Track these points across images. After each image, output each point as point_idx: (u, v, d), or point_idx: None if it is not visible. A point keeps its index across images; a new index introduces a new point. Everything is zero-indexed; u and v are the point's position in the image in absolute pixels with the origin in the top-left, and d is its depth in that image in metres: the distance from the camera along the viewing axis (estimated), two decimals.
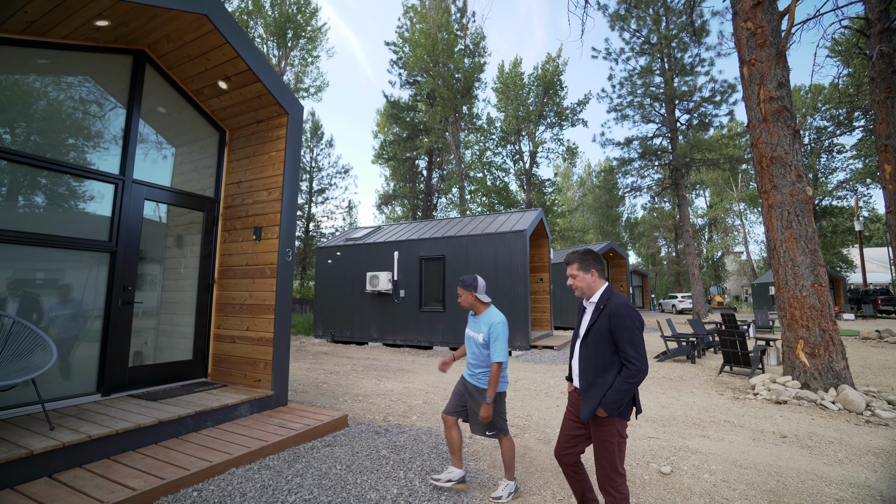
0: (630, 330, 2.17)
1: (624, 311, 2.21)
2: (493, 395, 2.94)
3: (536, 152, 33.12)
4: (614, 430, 2.22)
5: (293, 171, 4.95)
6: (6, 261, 3.72)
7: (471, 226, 12.50)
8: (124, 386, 4.31)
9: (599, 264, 2.43)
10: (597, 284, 2.40)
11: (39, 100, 4.03)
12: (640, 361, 2.12)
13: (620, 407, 2.17)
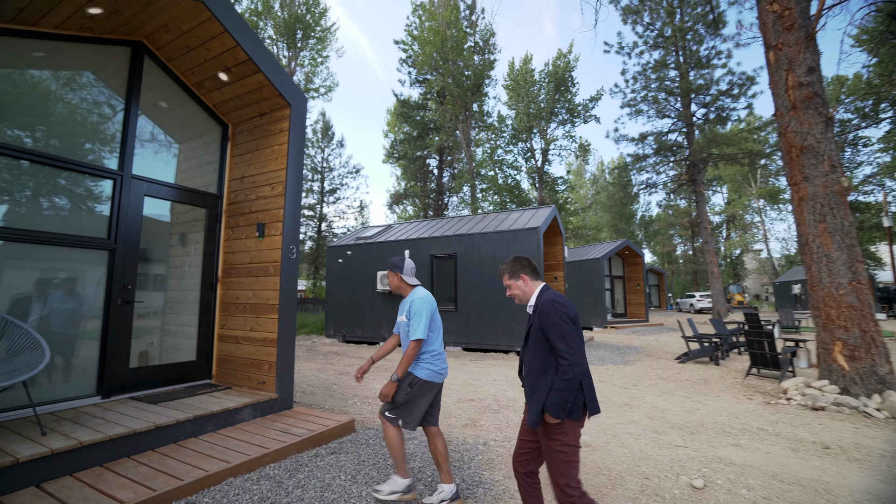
0: (557, 325, 2.07)
1: (549, 307, 2.13)
2: (399, 374, 2.78)
3: (548, 150, 32.68)
4: (565, 439, 2.08)
5: (297, 164, 4.75)
6: (5, 259, 3.58)
7: (483, 223, 12.24)
8: (125, 388, 4.16)
9: (528, 268, 2.37)
10: (531, 287, 2.33)
11: (35, 93, 3.90)
12: (571, 355, 2.01)
13: (565, 408, 2.03)
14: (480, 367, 8.84)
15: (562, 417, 2.03)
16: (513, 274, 2.36)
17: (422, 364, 2.87)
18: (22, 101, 3.79)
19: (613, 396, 6.12)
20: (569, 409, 2.04)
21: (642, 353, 10.54)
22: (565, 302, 2.16)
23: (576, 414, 2.08)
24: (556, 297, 2.19)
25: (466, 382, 7.19)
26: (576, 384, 2.02)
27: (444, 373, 2.95)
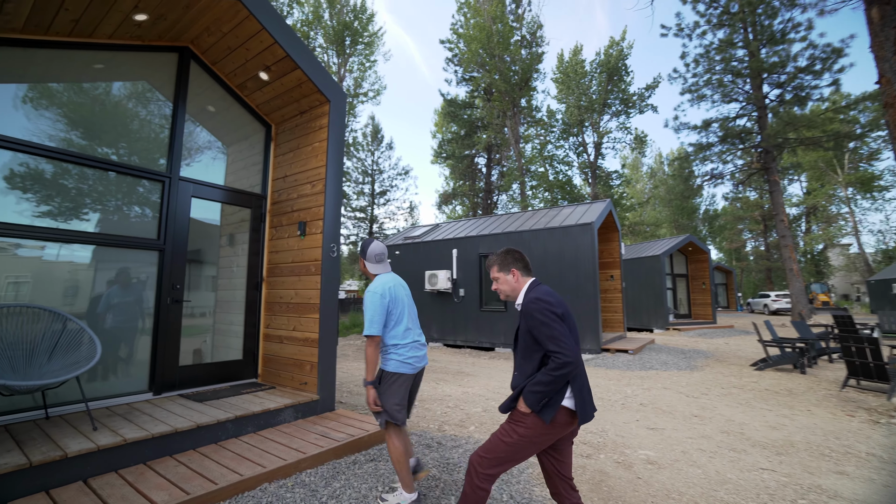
0: (545, 324, 1.95)
1: (534, 307, 2.01)
2: (369, 378, 2.66)
3: (601, 143, 31.26)
4: (520, 430, 1.97)
5: (336, 161, 4.66)
6: (64, 260, 3.76)
7: (532, 220, 11.77)
8: (175, 385, 4.25)
9: (521, 263, 2.25)
10: (520, 284, 2.22)
11: (89, 99, 4.07)
12: (564, 354, 1.88)
13: (541, 401, 1.92)
14: None
15: (535, 409, 1.92)
16: (503, 266, 2.24)
17: (387, 357, 2.75)
18: (82, 111, 3.97)
19: (680, 406, 5.52)
20: (543, 406, 1.93)
21: (711, 358, 9.62)
22: (551, 299, 2.03)
23: (546, 414, 1.93)
24: (542, 294, 2.06)
25: None
26: (561, 381, 1.90)
27: (415, 362, 2.76)
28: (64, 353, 3.32)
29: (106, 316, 3.95)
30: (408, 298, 2.91)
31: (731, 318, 23.14)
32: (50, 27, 3.61)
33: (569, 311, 2.08)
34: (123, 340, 4.05)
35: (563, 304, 2.07)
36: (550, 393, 1.92)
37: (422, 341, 2.88)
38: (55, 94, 3.86)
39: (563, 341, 1.91)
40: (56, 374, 3.15)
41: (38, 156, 3.60)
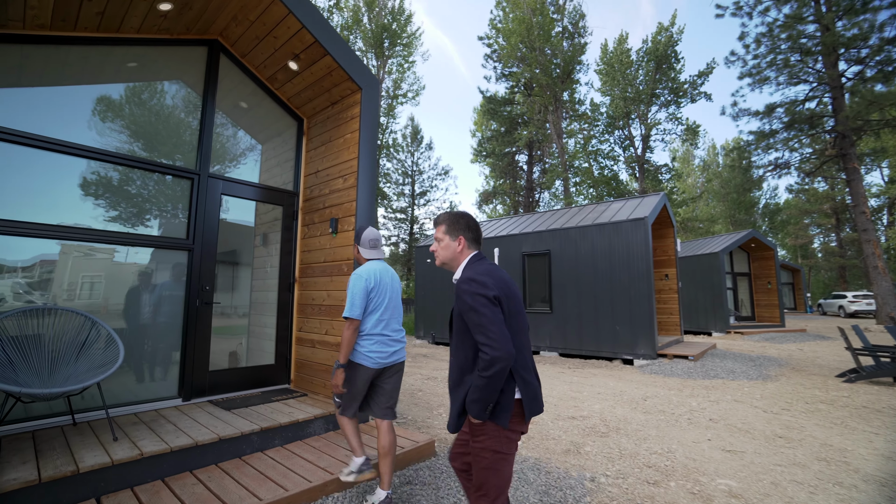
0: (473, 310, 1.70)
1: (464, 287, 1.77)
2: (341, 360, 2.61)
3: (649, 136, 29.64)
4: (487, 443, 1.75)
5: (369, 152, 4.35)
6: (93, 260, 3.66)
7: (579, 216, 11.08)
8: (205, 391, 4.08)
9: (472, 232, 1.98)
10: (462, 255, 1.96)
11: (119, 97, 3.97)
12: (491, 349, 1.64)
13: (485, 408, 1.70)
14: (581, 376, 7.81)
15: (483, 418, 1.71)
16: (451, 229, 1.97)
17: (356, 345, 2.67)
18: (114, 109, 3.87)
19: (759, 423, 4.79)
20: (492, 411, 1.71)
21: (786, 367, 8.57)
22: (486, 279, 1.75)
23: (502, 418, 1.71)
24: (477, 273, 1.79)
25: (565, 395, 6.28)
26: (497, 382, 1.66)
27: (379, 358, 2.66)
28: (88, 357, 3.19)
29: (133, 319, 3.82)
30: (392, 289, 2.82)
31: (800, 320, 21.13)
32: (77, 22, 3.51)
33: (513, 293, 1.81)
34: (152, 345, 3.92)
35: (506, 285, 1.80)
36: (490, 398, 1.68)
37: (395, 337, 2.76)
38: (86, 93, 3.78)
39: (493, 331, 1.64)
40: (79, 379, 3.00)
41: (61, 152, 3.50)
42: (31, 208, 3.36)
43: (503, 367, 1.63)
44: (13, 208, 3.26)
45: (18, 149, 3.30)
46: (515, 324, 1.78)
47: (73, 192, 3.58)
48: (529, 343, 1.90)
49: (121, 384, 3.69)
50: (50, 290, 3.46)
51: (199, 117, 4.32)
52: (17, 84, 3.45)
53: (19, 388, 2.56)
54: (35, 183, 3.39)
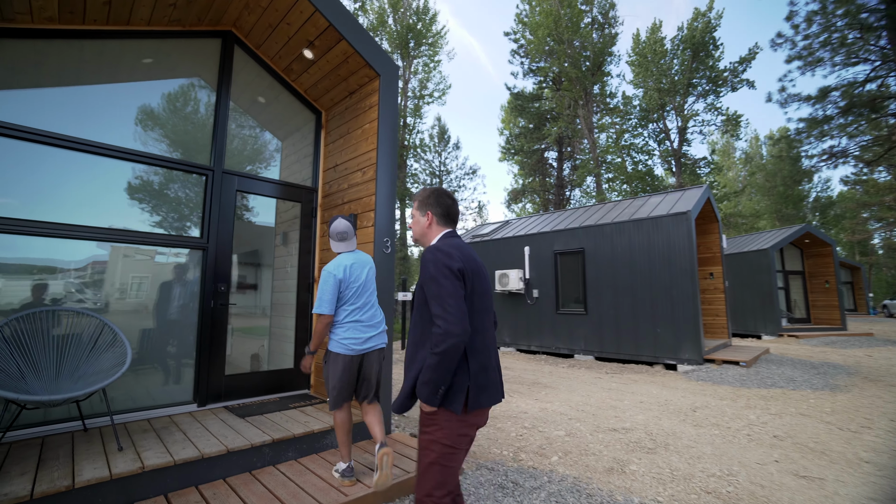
0: (433, 279, 1.61)
1: (429, 256, 1.68)
2: (311, 347, 2.76)
3: (686, 128, 28.24)
4: (436, 434, 1.59)
5: (389, 142, 4.06)
6: (96, 259, 3.53)
7: (614, 212, 10.49)
8: (220, 396, 3.89)
9: (441, 208, 1.90)
10: (432, 232, 1.90)
11: (131, 92, 3.85)
12: (447, 322, 1.52)
13: (436, 392, 1.54)
14: (620, 382, 7.28)
15: (433, 403, 1.58)
16: (421, 206, 1.92)
17: (331, 335, 2.73)
18: (119, 102, 3.75)
19: (836, 444, 4.18)
20: (444, 395, 1.59)
21: (856, 376, 7.72)
22: (453, 251, 1.70)
23: (455, 402, 1.59)
24: (445, 245, 1.76)
25: (604, 403, 5.80)
26: (450, 360, 1.54)
27: (353, 344, 2.68)
28: (97, 361, 3.03)
29: (148, 321, 3.67)
30: (366, 279, 2.83)
31: (864, 323, 19.51)
32: (85, 14, 3.39)
33: (480, 273, 1.75)
34: (166, 348, 3.77)
35: (474, 262, 1.75)
36: (442, 379, 1.55)
37: (368, 323, 2.77)
38: (101, 92, 3.67)
39: (450, 304, 1.55)
40: (85, 384, 2.84)
41: (66, 148, 3.37)
42: (42, 206, 3.26)
43: (456, 344, 1.51)
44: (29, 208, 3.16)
45: (29, 146, 3.20)
46: (479, 303, 1.69)
47: (80, 189, 3.46)
48: (492, 327, 1.79)
49: (135, 388, 3.55)
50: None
51: (214, 111, 4.16)
52: (38, 84, 3.39)
53: (16, 395, 2.40)
54: (43, 181, 3.29)
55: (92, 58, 3.63)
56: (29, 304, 3.16)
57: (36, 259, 3.24)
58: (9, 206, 3.12)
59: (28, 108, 3.26)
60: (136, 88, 3.86)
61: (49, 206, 3.28)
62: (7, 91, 3.24)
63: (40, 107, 3.33)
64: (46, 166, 3.30)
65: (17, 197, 3.17)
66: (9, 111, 3.16)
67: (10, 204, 3.13)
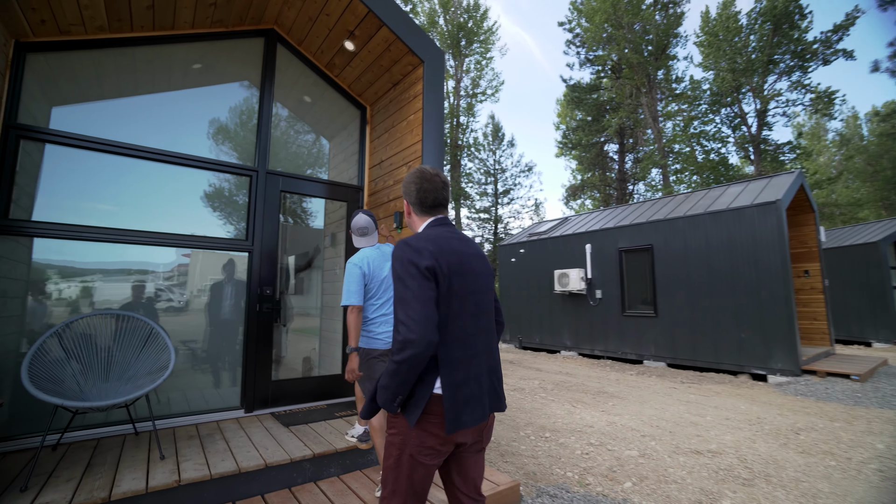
0: (399, 279, 1.44)
1: (396, 253, 1.49)
2: (352, 344, 2.62)
3: (766, 111, 25.51)
4: (395, 438, 1.47)
5: (434, 133, 3.76)
6: (143, 264, 3.55)
7: (687, 204, 9.52)
8: (267, 401, 3.80)
9: (415, 194, 1.65)
10: (414, 223, 1.71)
11: (180, 99, 3.87)
12: (407, 328, 1.35)
13: (394, 399, 1.41)
14: (699, 394, 6.48)
15: (390, 409, 1.43)
16: (405, 194, 1.71)
17: (364, 334, 2.70)
18: (165, 104, 3.78)
19: None
20: (402, 404, 1.43)
21: None
22: (423, 244, 1.46)
23: (410, 413, 1.41)
24: (418, 238, 1.51)
25: (683, 419, 5.12)
26: (408, 371, 1.36)
27: (387, 337, 2.66)
28: (143, 364, 3.01)
29: (197, 325, 3.65)
30: (388, 271, 2.78)
31: None
32: (132, 20, 3.42)
33: (466, 269, 1.52)
34: (215, 352, 3.73)
35: (454, 258, 1.50)
36: (400, 389, 1.40)
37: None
38: (154, 101, 3.73)
39: (413, 309, 1.36)
40: (133, 387, 2.81)
41: (103, 151, 3.41)
42: (96, 213, 3.32)
43: (416, 355, 1.34)
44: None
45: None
46: (461, 305, 1.48)
47: (129, 192, 3.50)
48: (485, 332, 1.56)
49: (187, 392, 3.53)
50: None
51: (258, 111, 4.10)
52: (101, 97, 3.52)
53: (62, 401, 2.37)
54: (93, 184, 3.35)
55: (144, 67, 3.69)
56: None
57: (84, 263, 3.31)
58: (101, 212, 3.21)
59: (93, 120, 3.37)
60: (185, 96, 3.89)
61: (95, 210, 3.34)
62: (74, 105, 3.38)
63: (102, 118, 3.43)
64: (97, 172, 3.36)
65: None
66: (77, 123, 3.28)
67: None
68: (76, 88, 3.46)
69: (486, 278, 1.60)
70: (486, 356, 1.54)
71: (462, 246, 1.57)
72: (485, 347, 1.54)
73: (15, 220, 3.00)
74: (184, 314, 3.64)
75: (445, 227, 1.63)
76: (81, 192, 3.30)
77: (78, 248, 3.21)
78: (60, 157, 3.24)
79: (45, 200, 3.16)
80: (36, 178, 3.19)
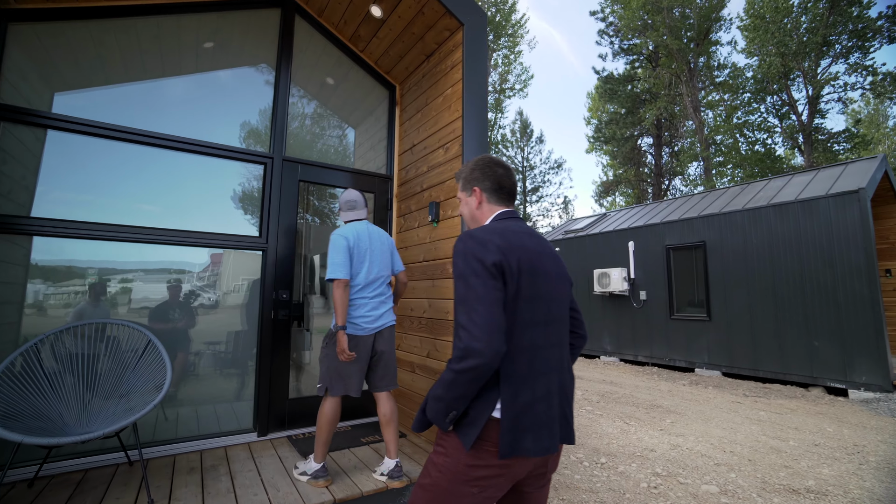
0: (460, 277, 1.24)
1: (458, 246, 1.29)
2: (338, 322, 2.38)
3: (819, 97, 23.69)
4: (439, 459, 1.25)
5: (476, 108, 3.16)
6: (140, 268, 3.10)
7: (744, 197, 8.60)
8: (284, 422, 3.29)
9: (490, 181, 1.48)
10: (483, 214, 1.49)
11: (189, 83, 3.41)
12: (469, 334, 1.15)
13: (446, 413, 1.21)
14: (770, 410, 5.66)
15: (442, 426, 1.23)
16: (466, 184, 1.53)
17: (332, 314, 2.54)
18: (164, 82, 3.33)
19: None
20: (455, 420, 1.22)
21: None
22: (488, 237, 1.26)
23: (465, 434, 1.20)
24: (484, 230, 1.31)
25: (760, 443, 4.37)
26: (468, 384, 1.16)
27: (366, 323, 2.47)
28: (136, 383, 2.54)
29: (202, 336, 3.18)
30: (373, 249, 2.61)
31: None
32: None
33: (539, 269, 1.29)
34: (224, 367, 3.25)
35: (525, 254, 1.27)
36: (455, 403, 1.18)
37: (380, 298, 2.58)
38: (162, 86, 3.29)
39: (478, 312, 1.15)
40: (124, 412, 2.35)
41: (97, 136, 2.97)
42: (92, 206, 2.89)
43: (478, 366, 1.12)
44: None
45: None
46: (529, 312, 1.25)
47: (128, 182, 3.05)
48: (558, 346, 1.33)
49: (195, 409, 3.07)
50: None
51: (273, 91, 3.60)
52: (107, 81, 3.12)
53: (21, 438, 1.91)
54: (94, 173, 2.92)
55: (150, 44, 3.25)
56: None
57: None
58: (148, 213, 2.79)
59: (99, 106, 2.97)
60: (195, 80, 3.43)
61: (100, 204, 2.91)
62: (79, 92, 2.99)
63: (109, 104, 3.03)
64: (84, 158, 2.93)
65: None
66: (79, 108, 2.88)
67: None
68: (78, 72, 3.06)
69: (561, 283, 1.38)
70: (558, 374, 1.32)
71: (534, 243, 1.35)
72: (556, 364, 1.31)
73: (7, 217, 2.60)
74: (192, 321, 3.17)
75: (514, 220, 1.42)
76: (73, 184, 2.88)
77: (61, 246, 2.79)
78: (62, 146, 2.84)
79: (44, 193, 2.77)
80: (36, 171, 2.79)
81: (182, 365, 3.01)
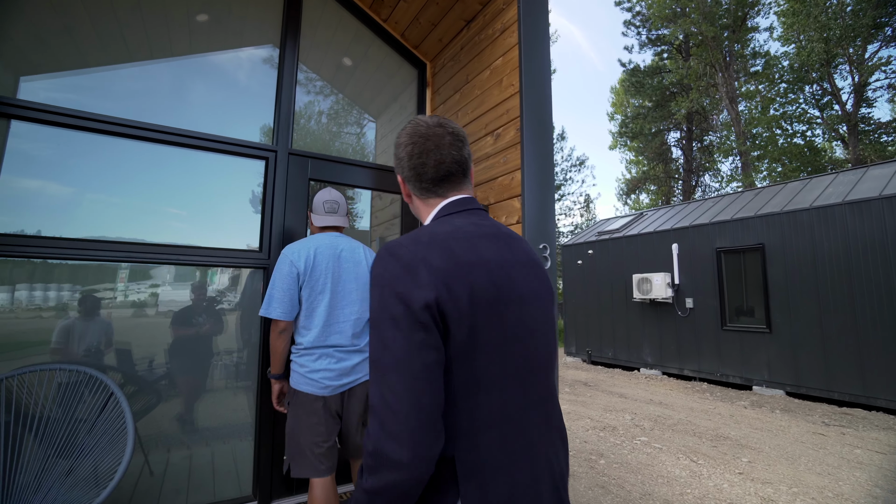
0: (375, 326, 0.77)
1: (374, 272, 0.82)
2: (272, 370, 1.92)
3: (866, 84, 22.12)
4: None
5: (540, 80, 2.38)
6: (98, 290, 2.43)
7: (810, 194, 7.62)
8: (291, 486, 2.59)
9: (411, 164, 0.97)
10: (420, 211, 1.02)
11: (177, 67, 2.74)
12: (379, 432, 0.71)
13: None
14: (867, 447, 4.73)
15: None
16: (396, 168, 1.04)
17: (293, 366, 1.88)
18: (149, 69, 2.66)
19: None
20: None
21: None
22: (415, 254, 0.79)
23: None
24: (410, 239, 0.83)
25: (876, 499, 3.50)
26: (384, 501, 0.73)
27: (327, 379, 1.79)
28: (90, 453, 1.87)
29: (186, 377, 2.50)
30: (337, 275, 1.88)
31: None
32: None
33: (502, 291, 0.82)
34: (214, 418, 2.56)
35: (476, 271, 0.80)
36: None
37: (348, 347, 1.84)
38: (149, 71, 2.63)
39: (393, 390, 0.71)
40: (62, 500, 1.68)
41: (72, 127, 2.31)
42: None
43: (397, 483, 0.70)
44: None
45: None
46: (495, 364, 0.79)
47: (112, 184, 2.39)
48: (535, 406, 0.85)
49: (188, 464, 2.39)
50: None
51: (277, 73, 2.90)
52: (82, 65, 2.50)
53: None
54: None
55: (129, 17, 2.60)
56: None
57: None
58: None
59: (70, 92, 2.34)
60: (186, 63, 2.77)
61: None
62: (48, 77, 2.37)
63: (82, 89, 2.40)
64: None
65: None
66: (43, 95, 2.26)
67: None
68: (44, 51, 2.44)
69: (540, 306, 0.88)
70: (546, 447, 0.84)
71: (498, 249, 0.86)
72: (543, 434, 0.84)
73: None
74: (177, 353, 2.50)
75: (467, 215, 0.92)
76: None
77: None
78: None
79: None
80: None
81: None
